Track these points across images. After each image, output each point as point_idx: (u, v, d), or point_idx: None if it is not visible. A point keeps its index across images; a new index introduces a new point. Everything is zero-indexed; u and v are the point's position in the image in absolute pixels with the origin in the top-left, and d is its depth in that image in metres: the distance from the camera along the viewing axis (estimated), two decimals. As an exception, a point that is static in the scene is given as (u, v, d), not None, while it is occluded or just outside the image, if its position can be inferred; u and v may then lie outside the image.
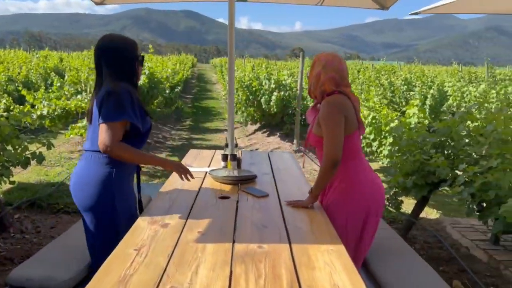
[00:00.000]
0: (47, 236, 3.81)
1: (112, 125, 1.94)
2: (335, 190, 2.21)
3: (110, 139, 1.92)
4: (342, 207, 2.16)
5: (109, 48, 2.08)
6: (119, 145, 1.96)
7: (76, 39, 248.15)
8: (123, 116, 1.96)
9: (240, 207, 2.22)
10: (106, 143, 1.92)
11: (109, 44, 2.09)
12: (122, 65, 2.08)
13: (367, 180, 2.19)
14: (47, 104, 6.43)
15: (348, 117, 2.11)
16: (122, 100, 1.96)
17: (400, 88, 9.07)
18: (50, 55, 21.96)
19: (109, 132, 1.93)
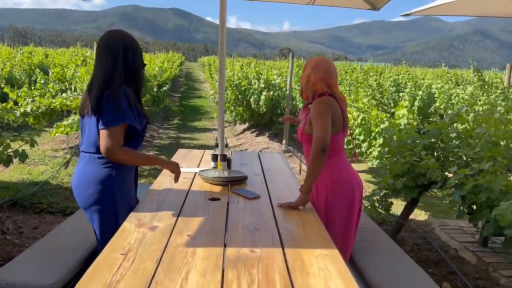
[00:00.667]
0: (29, 237, 3.69)
1: (113, 130, 1.95)
2: (318, 185, 2.32)
3: (112, 144, 1.94)
4: (327, 199, 2.29)
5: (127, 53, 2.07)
6: (121, 150, 1.98)
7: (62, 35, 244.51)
8: (123, 120, 1.97)
9: (231, 209, 2.17)
10: (108, 148, 1.94)
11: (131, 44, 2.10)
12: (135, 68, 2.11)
13: (349, 176, 2.34)
14: (30, 101, 6.28)
15: (334, 117, 2.25)
16: (120, 103, 1.96)
17: (389, 90, 9.11)
18: (35, 51, 21.55)
19: (111, 137, 1.94)
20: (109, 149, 1.93)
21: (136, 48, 2.12)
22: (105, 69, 2.03)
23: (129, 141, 2.06)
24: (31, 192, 4.54)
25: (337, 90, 2.33)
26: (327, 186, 2.28)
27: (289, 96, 7.63)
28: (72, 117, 6.41)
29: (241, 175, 2.69)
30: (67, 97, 6.08)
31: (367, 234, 2.81)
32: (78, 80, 6.69)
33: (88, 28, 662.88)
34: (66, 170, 5.57)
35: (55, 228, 2.65)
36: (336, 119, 2.25)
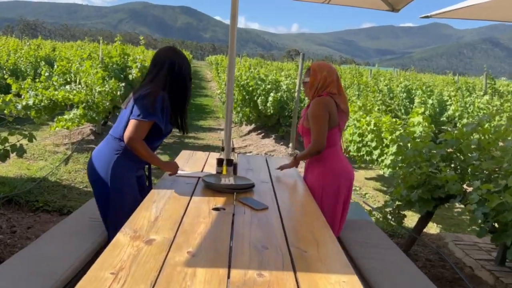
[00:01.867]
0: (22, 237, 3.51)
1: (141, 123, 2.24)
2: (314, 170, 2.75)
3: (136, 135, 2.24)
4: (319, 183, 2.68)
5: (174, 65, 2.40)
6: (141, 142, 2.27)
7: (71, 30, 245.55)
8: (152, 117, 2.26)
9: (237, 221, 1.97)
10: (131, 137, 2.23)
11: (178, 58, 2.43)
12: (180, 81, 2.43)
13: (338, 165, 2.72)
14: (33, 94, 6.11)
15: (331, 115, 2.63)
16: (155, 103, 2.26)
17: (400, 96, 8.87)
18: (43, 43, 21.48)
19: (137, 128, 2.24)
20: (132, 138, 2.23)
21: (182, 62, 2.43)
22: (151, 74, 2.41)
23: (151, 138, 2.35)
24: (27, 189, 4.37)
25: (336, 89, 2.69)
26: (320, 172, 2.70)
27: (297, 98, 7.42)
28: (74, 111, 6.24)
29: (248, 183, 2.50)
30: (70, 90, 5.91)
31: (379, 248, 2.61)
32: (83, 73, 6.52)
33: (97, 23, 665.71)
34: (66, 167, 5.39)
35: (45, 234, 2.46)
36: (331, 116, 2.63)
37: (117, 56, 6.88)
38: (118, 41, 7.02)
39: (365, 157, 5.22)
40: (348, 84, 12.14)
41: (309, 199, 2.44)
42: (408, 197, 3.61)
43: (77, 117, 5.69)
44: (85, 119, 5.84)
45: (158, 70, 2.40)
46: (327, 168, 2.67)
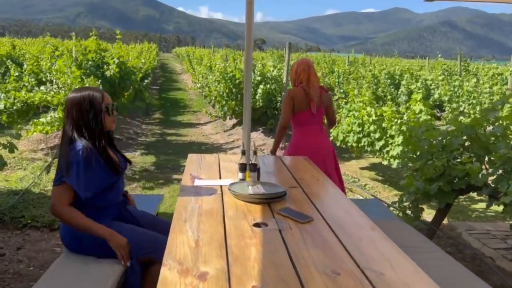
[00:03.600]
0: (13, 260, 3.14)
1: (56, 189, 2.02)
2: (288, 146, 3.45)
3: (55, 202, 2.01)
4: (292, 151, 3.33)
5: (74, 104, 2.10)
6: (61, 210, 2.01)
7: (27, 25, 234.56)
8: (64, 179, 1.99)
9: (288, 239, 1.73)
10: (52, 207, 2.02)
11: (72, 100, 2.11)
12: (87, 120, 2.10)
13: (306, 141, 3.29)
14: (3, 96, 5.59)
15: (296, 101, 3.25)
16: (66, 162, 2.01)
17: (385, 82, 8.80)
18: (0, 41, 20.22)
19: (56, 195, 2.02)
20: (55, 207, 2.01)
21: (80, 103, 2.10)
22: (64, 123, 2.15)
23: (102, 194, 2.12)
24: (11, 204, 3.95)
25: (305, 79, 3.26)
26: (290, 147, 3.38)
27: (285, 89, 7.19)
28: (51, 113, 5.77)
29: (280, 191, 2.25)
30: (47, 91, 5.44)
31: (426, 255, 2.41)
32: (57, 73, 6.04)
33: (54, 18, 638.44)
34: (48, 175, 4.96)
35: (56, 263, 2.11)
36: (297, 103, 3.25)
37: (93, 52, 6.42)
38: (93, 36, 6.55)
39: (366, 148, 5.07)
40: (327, 72, 12.01)
41: (351, 204, 2.22)
42: (426, 189, 3.47)
43: (56, 120, 5.24)
44: (65, 122, 5.38)
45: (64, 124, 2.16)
46: (294, 144, 3.36)
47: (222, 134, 8.92)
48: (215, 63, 11.27)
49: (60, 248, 3.35)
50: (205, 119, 11.19)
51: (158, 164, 6.32)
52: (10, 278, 2.88)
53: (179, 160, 6.56)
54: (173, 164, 6.35)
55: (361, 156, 7.45)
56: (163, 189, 5.08)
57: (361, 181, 5.81)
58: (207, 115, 10.84)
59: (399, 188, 5.57)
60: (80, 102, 2.10)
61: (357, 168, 6.79)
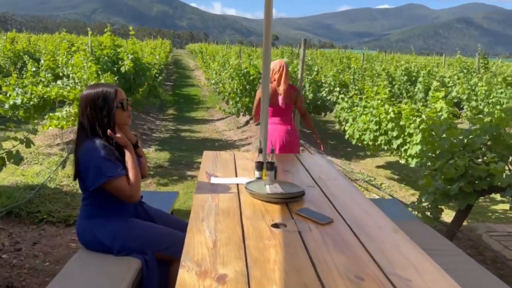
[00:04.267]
0: (29, 255, 3.15)
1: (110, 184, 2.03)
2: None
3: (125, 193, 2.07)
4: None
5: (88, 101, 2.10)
6: (134, 192, 2.09)
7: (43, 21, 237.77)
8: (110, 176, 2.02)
9: (308, 241, 1.68)
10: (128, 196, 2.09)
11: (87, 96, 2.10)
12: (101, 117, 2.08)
13: (271, 129, 3.66)
14: (21, 91, 5.63)
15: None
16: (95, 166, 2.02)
17: (400, 79, 8.64)
18: (17, 37, 20.49)
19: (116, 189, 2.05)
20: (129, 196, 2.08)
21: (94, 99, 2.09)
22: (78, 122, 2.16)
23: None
24: (27, 199, 3.97)
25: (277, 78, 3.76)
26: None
27: (300, 86, 7.11)
28: (67, 108, 5.80)
29: (298, 191, 2.20)
30: (63, 86, 5.45)
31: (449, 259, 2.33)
32: (73, 67, 6.06)
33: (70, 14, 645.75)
34: (64, 171, 4.98)
35: (71, 261, 2.09)
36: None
37: (108, 48, 6.43)
38: (108, 32, 6.56)
39: (382, 146, 4.97)
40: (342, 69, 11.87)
41: (370, 205, 2.16)
42: (446, 190, 3.38)
43: (71, 115, 5.26)
44: (81, 118, 5.39)
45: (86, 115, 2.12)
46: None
47: (235, 131, 8.88)
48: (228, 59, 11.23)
49: (75, 243, 3.35)
50: (218, 116, 11.16)
51: (172, 160, 6.31)
52: (26, 273, 2.89)
53: (193, 157, 6.54)
54: (187, 160, 6.33)
55: (377, 154, 7.35)
56: (177, 185, 5.06)
57: (377, 180, 5.72)
58: (220, 112, 10.81)
59: (416, 187, 5.46)
60: (94, 99, 2.09)
61: (372, 166, 6.69)
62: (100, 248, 2.11)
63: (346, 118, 6.06)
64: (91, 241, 2.12)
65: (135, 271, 2.00)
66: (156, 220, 2.32)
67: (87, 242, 2.15)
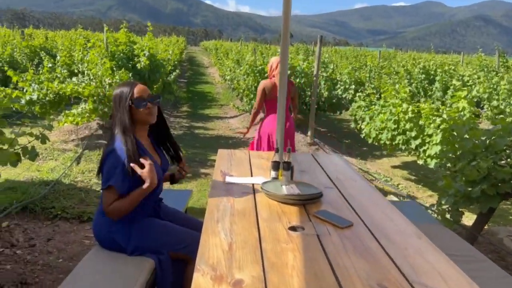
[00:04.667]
0: (43, 251, 3.15)
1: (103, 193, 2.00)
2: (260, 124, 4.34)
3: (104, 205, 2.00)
4: (261, 129, 4.25)
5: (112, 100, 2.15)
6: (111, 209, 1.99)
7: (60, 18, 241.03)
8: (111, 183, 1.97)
9: (327, 246, 1.61)
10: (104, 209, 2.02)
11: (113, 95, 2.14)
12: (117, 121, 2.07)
13: (265, 123, 4.18)
14: (37, 87, 5.66)
15: (267, 90, 4.06)
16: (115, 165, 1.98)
17: (418, 77, 8.47)
18: (34, 33, 20.76)
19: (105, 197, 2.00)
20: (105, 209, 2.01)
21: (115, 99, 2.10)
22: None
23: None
24: (42, 194, 3.98)
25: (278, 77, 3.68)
26: (262, 124, 4.26)
27: (315, 83, 7.02)
28: (82, 105, 5.82)
29: (316, 192, 2.13)
30: (79, 83, 5.47)
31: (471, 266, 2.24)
32: (88, 64, 6.07)
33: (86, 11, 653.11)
34: (79, 167, 4.99)
35: (84, 260, 2.07)
36: (268, 92, 4.06)
37: (123, 44, 6.43)
38: (123, 28, 6.56)
39: (400, 146, 4.86)
40: (357, 67, 11.71)
41: (391, 208, 2.08)
42: (467, 192, 3.27)
43: (86, 112, 5.27)
44: (96, 114, 5.41)
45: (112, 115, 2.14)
46: (264, 123, 4.21)
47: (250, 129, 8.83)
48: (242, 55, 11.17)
49: (89, 240, 3.34)
50: (232, 113, 11.11)
51: (186, 157, 6.29)
52: (39, 270, 2.88)
53: (207, 154, 6.51)
54: (201, 158, 6.30)
55: (393, 154, 7.22)
56: (191, 183, 5.03)
57: (393, 181, 5.61)
58: (234, 109, 10.77)
59: (434, 188, 5.34)
60: (115, 98, 2.10)
61: (388, 166, 6.57)
62: (115, 247, 2.08)
63: (362, 117, 5.95)
64: (106, 238, 2.09)
65: (149, 271, 1.97)
66: (172, 219, 2.29)
67: (102, 240, 2.13)
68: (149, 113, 2.10)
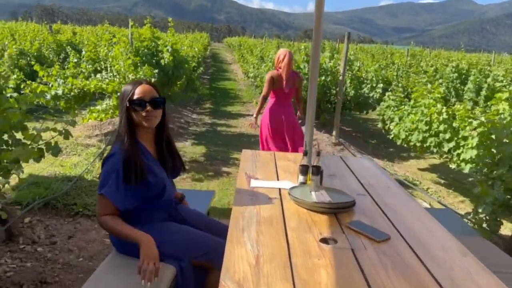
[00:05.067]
0: (64, 249, 3.11)
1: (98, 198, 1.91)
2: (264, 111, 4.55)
3: (97, 211, 1.93)
4: (263, 118, 4.49)
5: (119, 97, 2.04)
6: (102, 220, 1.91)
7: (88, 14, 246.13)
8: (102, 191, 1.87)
9: (363, 262, 1.47)
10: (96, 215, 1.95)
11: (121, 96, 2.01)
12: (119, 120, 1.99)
13: (272, 108, 4.40)
14: (62, 82, 5.68)
15: (274, 79, 4.28)
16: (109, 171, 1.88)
17: (450, 77, 8.15)
18: (62, 28, 21.15)
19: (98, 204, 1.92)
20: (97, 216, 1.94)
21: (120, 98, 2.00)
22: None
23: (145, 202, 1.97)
24: (64, 191, 3.96)
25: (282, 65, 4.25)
26: (266, 111, 4.46)
27: (342, 82, 6.82)
28: (106, 101, 5.81)
29: (349, 200, 1.98)
30: (102, 79, 5.46)
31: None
32: (112, 59, 6.06)
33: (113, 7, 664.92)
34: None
35: (101, 267, 1.98)
36: (275, 82, 4.27)
37: (147, 40, 6.39)
38: (147, 24, 6.52)
39: (431, 149, 4.64)
40: (384, 65, 11.40)
41: (429, 218, 1.92)
42: (506, 200, 3.06)
43: (110, 108, 5.24)
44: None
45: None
46: (269, 109, 4.43)
47: (273, 127, 8.69)
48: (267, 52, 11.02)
49: (109, 239, 3.28)
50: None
51: (208, 155, 6.21)
52: (59, 269, 2.84)
53: (229, 152, 6.41)
54: (223, 156, 6.21)
55: (420, 156, 6.96)
56: (213, 181, 4.95)
57: (422, 184, 5.38)
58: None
59: (466, 194, 5.10)
60: (119, 96, 2.02)
61: (416, 169, 6.33)
62: (132, 253, 1.98)
63: (391, 117, 5.73)
64: (122, 244, 2.00)
65: (169, 279, 1.87)
66: (192, 223, 2.18)
67: (119, 247, 2.04)
68: (146, 116, 1.94)
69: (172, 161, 2.13)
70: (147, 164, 1.93)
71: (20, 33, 14.13)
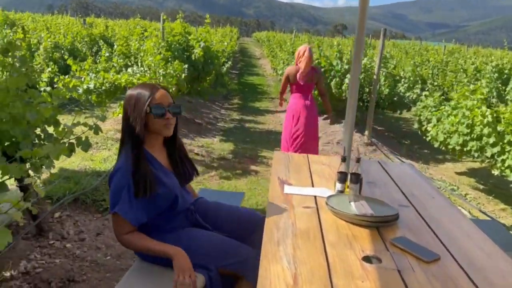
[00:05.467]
0: (92, 247, 3.08)
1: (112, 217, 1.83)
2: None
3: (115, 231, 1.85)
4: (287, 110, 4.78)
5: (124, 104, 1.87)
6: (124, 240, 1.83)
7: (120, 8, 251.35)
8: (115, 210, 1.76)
9: (410, 285, 1.33)
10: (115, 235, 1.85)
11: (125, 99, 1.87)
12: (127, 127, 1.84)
13: (291, 101, 4.71)
14: (94, 76, 5.71)
15: (290, 75, 4.60)
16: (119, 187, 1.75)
17: (491, 76, 7.75)
18: (95, 22, 21.55)
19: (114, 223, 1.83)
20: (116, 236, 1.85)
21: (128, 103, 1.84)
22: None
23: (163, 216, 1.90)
24: (93, 186, 3.96)
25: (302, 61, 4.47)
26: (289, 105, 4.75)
27: (376, 80, 6.59)
28: (136, 96, 5.80)
29: (393, 213, 1.84)
30: (133, 74, 5.45)
31: None
32: (144, 54, 6.04)
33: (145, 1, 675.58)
34: (130, 158, 4.97)
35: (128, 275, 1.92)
36: (291, 77, 4.58)
37: (179, 35, 6.35)
38: (179, 19, 6.48)
39: (472, 153, 4.38)
40: (419, 62, 11.00)
41: (480, 234, 1.75)
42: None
43: (140, 103, 5.23)
44: (149, 105, 5.36)
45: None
46: (290, 103, 4.71)
47: (302, 125, 8.52)
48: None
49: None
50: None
51: (235, 152, 6.13)
52: (87, 267, 2.81)
53: (257, 150, 6.31)
54: (251, 153, 6.12)
55: (457, 159, 6.65)
56: (241, 180, 4.86)
57: (460, 190, 5.12)
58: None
59: (508, 201, 4.81)
60: (129, 99, 1.84)
61: (453, 173, 6.05)
62: (158, 261, 1.91)
63: (429, 118, 5.47)
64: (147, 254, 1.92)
65: None
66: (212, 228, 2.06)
67: (141, 254, 1.97)
68: (167, 124, 1.84)
69: (183, 167, 2.03)
70: (155, 174, 1.83)
71: (54, 26, 14.44)
